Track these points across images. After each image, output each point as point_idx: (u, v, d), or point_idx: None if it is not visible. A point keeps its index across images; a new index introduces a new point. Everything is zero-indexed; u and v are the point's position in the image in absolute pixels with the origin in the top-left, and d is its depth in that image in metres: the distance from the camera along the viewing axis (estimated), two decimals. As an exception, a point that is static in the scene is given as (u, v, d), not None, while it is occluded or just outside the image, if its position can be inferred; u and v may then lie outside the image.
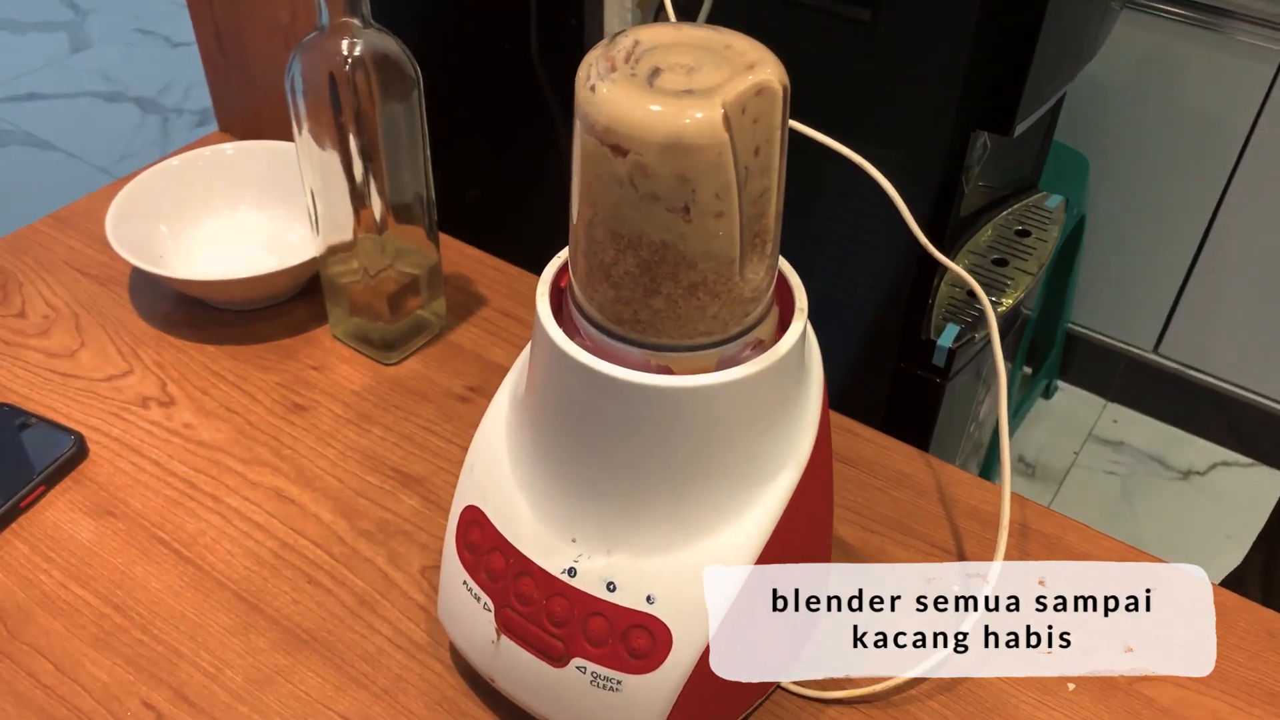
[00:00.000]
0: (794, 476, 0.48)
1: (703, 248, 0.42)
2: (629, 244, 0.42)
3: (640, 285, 0.43)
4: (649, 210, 0.41)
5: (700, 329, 0.44)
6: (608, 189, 0.41)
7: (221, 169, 0.82)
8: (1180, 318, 1.75)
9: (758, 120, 0.41)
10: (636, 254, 0.42)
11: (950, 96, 0.98)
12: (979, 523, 0.65)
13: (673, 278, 0.43)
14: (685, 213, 0.41)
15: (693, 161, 0.40)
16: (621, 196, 0.41)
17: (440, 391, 0.72)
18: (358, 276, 0.71)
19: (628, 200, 0.41)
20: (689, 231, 0.41)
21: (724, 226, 0.42)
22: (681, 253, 0.42)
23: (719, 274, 0.43)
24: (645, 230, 0.42)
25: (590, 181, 0.42)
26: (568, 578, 0.49)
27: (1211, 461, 1.79)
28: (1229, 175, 1.60)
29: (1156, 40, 1.55)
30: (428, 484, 0.66)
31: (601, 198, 0.42)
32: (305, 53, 0.64)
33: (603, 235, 0.43)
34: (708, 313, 0.44)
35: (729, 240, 0.42)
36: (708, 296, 0.43)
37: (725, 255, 0.42)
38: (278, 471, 0.67)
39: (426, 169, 0.70)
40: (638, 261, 0.42)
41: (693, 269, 0.42)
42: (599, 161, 0.41)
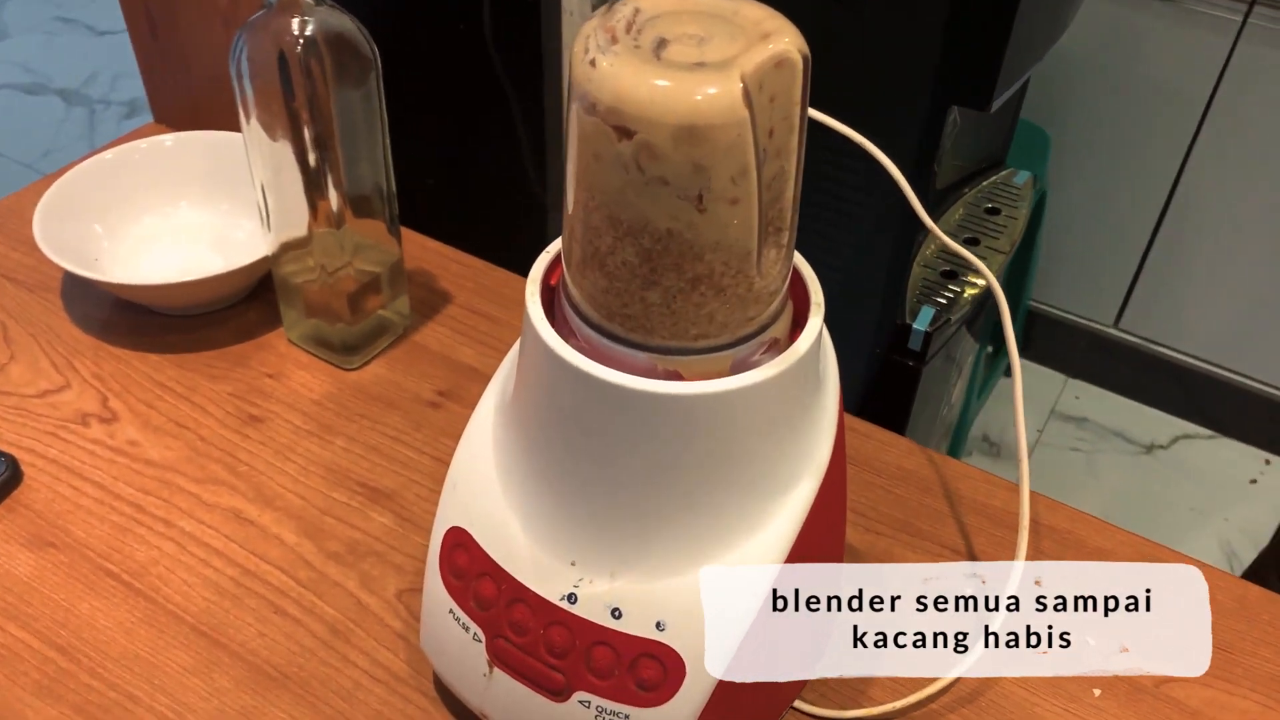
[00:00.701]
0: (813, 485, 0.44)
1: (714, 237, 0.38)
2: (629, 231, 0.38)
3: (639, 277, 0.39)
4: (655, 195, 0.37)
5: (711, 329, 0.40)
6: (609, 173, 0.37)
7: (160, 162, 0.76)
8: (1140, 292, 1.74)
9: (777, 94, 0.36)
10: (637, 242, 0.38)
11: (926, 73, 0.94)
12: (988, 519, 0.62)
13: (676, 269, 0.38)
14: (699, 200, 0.37)
15: (708, 143, 0.35)
16: (625, 181, 0.37)
17: (407, 397, 0.67)
18: (314, 275, 0.66)
19: (632, 185, 0.37)
20: (699, 220, 0.37)
21: (740, 214, 0.37)
22: (689, 242, 0.37)
23: (727, 267, 0.38)
24: (650, 218, 0.37)
25: (588, 164, 0.38)
26: (568, 604, 0.44)
27: (1173, 435, 1.78)
28: (1188, 148, 1.58)
29: (1115, 13, 1.53)
30: (399, 499, 0.61)
31: (601, 182, 0.38)
32: (251, 33, 0.59)
33: (600, 221, 0.38)
34: (704, 310, 0.39)
35: (745, 229, 0.38)
36: (710, 292, 0.39)
37: (739, 246, 0.38)
38: (234, 491, 0.62)
39: (386, 158, 0.65)
40: (638, 251, 0.38)
41: (698, 260, 0.38)
42: (599, 143, 0.36)
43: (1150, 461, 1.75)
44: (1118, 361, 1.81)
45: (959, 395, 1.42)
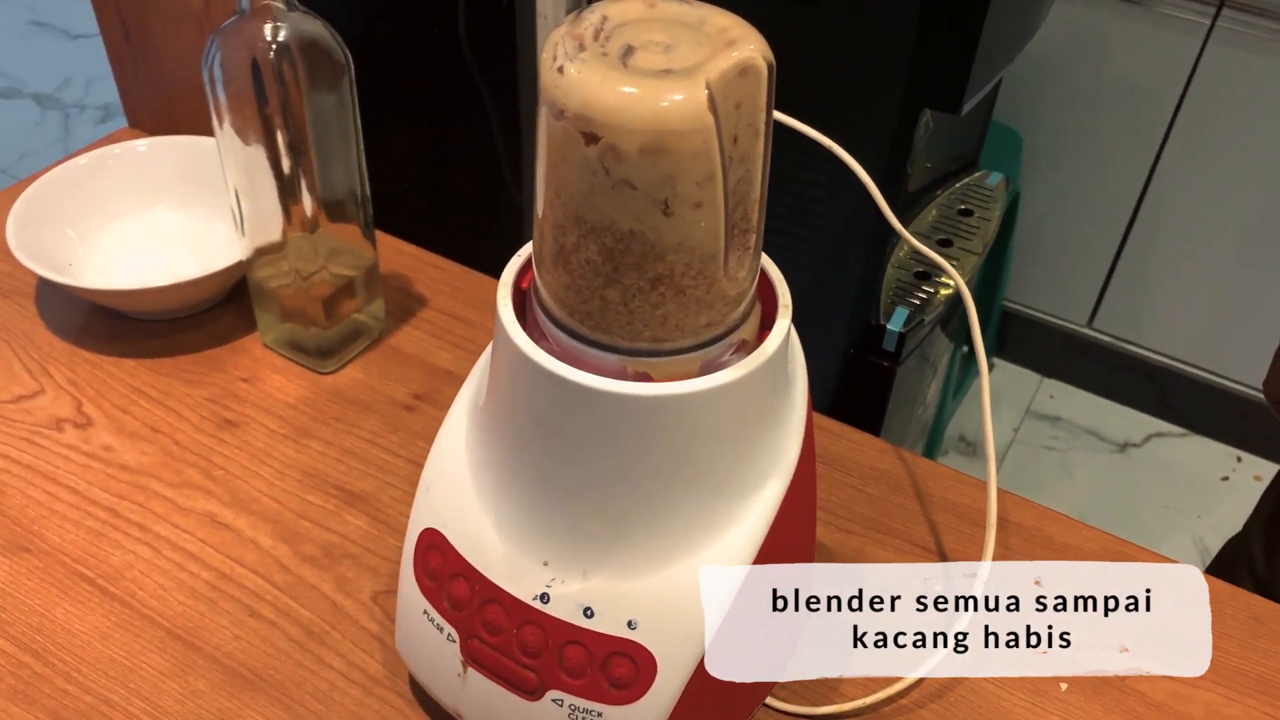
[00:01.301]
0: (781, 486, 0.45)
1: (676, 240, 0.38)
2: (592, 230, 0.38)
3: (601, 275, 0.39)
4: (621, 198, 0.37)
5: (668, 330, 0.40)
6: (575, 175, 0.37)
7: (134, 167, 0.76)
8: (1113, 292, 1.76)
9: (742, 101, 0.37)
10: (600, 241, 0.38)
11: (897, 75, 0.95)
12: (957, 517, 0.63)
13: (637, 268, 0.38)
14: (664, 205, 0.37)
15: (674, 149, 0.36)
16: (591, 183, 0.37)
17: (383, 400, 0.68)
18: (289, 280, 0.66)
19: (598, 187, 0.37)
20: (663, 223, 0.38)
21: (704, 218, 0.38)
22: (652, 243, 0.38)
23: (689, 268, 0.39)
24: (615, 219, 0.38)
25: (555, 166, 0.38)
26: (540, 604, 0.45)
27: (1147, 433, 1.80)
28: (1159, 148, 1.60)
29: (1084, 16, 1.54)
30: (374, 501, 0.62)
31: (567, 184, 0.38)
32: (225, 39, 0.59)
33: (565, 220, 0.39)
34: (660, 310, 0.39)
35: (709, 233, 0.38)
36: (670, 293, 0.39)
37: (703, 249, 0.39)
38: (210, 495, 0.62)
39: (360, 162, 0.65)
40: (601, 249, 0.38)
41: (660, 261, 0.38)
42: (567, 147, 0.37)
43: (1124, 460, 1.76)
44: (1091, 361, 1.83)
45: (934, 395, 1.43)
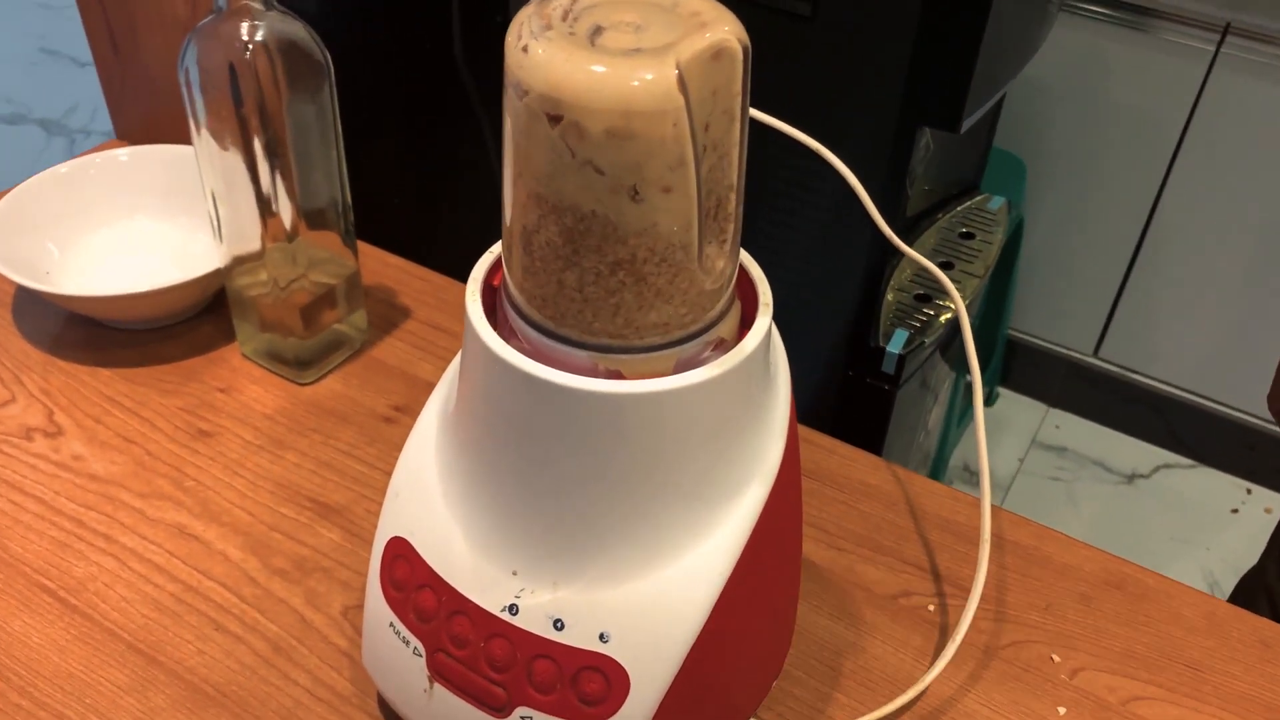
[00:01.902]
0: (762, 492, 0.43)
1: (642, 224, 0.36)
2: (553, 209, 0.36)
3: (561, 257, 0.37)
4: (586, 180, 0.35)
5: (643, 325, 0.39)
6: (539, 156, 0.36)
7: (116, 176, 0.75)
8: (1119, 321, 1.74)
9: (716, 84, 0.36)
10: (560, 221, 0.37)
11: (894, 92, 0.94)
12: (953, 535, 0.60)
13: (597, 251, 0.37)
14: (633, 190, 0.35)
15: (642, 130, 0.34)
16: (555, 164, 0.36)
17: (362, 412, 0.66)
18: (267, 288, 0.65)
19: (561, 168, 0.35)
20: (629, 206, 0.36)
21: (674, 204, 0.36)
22: (614, 225, 0.36)
23: (652, 253, 0.37)
24: (578, 200, 0.36)
25: (519, 145, 0.37)
26: (509, 616, 0.43)
27: (1154, 464, 1.77)
28: (1164, 176, 1.59)
29: (1088, 42, 1.54)
30: (349, 514, 0.60)
31: (531, 164, 0.36)
32: (201, 39, 0.58)
33: (527, 199, 0.37)
34: (614, 299, 0.37)
35: (680, 221, 0.37)
36: (629, 280, 0.37)
37: (673, 237, 0.37)
38: (180, 506, 0.60)
39: (340, 168, 0.64)
40: (561, 229, 0.37)
41: (620, 244, 0.36)
42: (531, 128, 0.35)
43: (1131, 491, 1.74)
44: (1097, 391, 1.81)
45: (937, 422, 1.41)
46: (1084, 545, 0.60)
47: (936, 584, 0.58)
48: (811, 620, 0.56)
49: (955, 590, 0.58)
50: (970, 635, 0.55)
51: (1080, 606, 0.57)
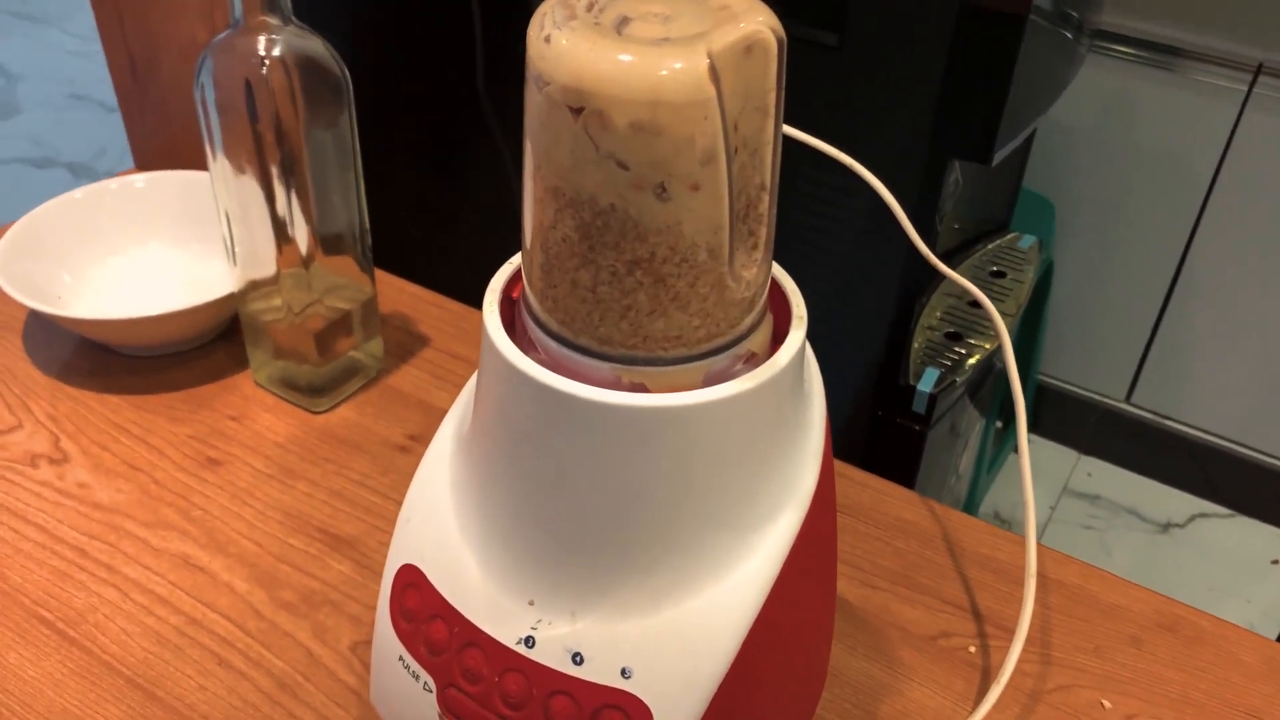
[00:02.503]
0: (796, 518, 0.40)
1: (666, 220, 0.34)
2: (570, 203, 0.34)
3: (576, 254, 0.35)
4: (606, 173, 0.33)
5: (663, 333, 0.36)
6: (560, 151, 0.34)
7: (131, 202, 0.73)
8: (1152, 366, 1.70)
9: (749, 77, 0.33)
10: (578, 215, 0.34)
11: (924, 124, 0.92)
12: (993, 573, 0.57)
13: (614, 248, 0.34)
14: (660, 188, 0.33)
15: (671, 122, 0.32)
16: (576, 159, 0.33)
17: (376, 441, 0.64)
18: (281, 314, 0.63)
19: (582, 162, 0.33)
20: (654, 204, 0.34)
21: (702, 203, 0.34)
22: (634, 220, 0.34)
23: (673, 252, 0.34)
24: (594, 193, 0.34)
25: (539, 141, 0.35)
26: (525, 649, 0.40)
27: (1190, 513, 1.73)
28: (1196, 218, 1.56)
29: (1117, 83, 1.52)
30: (360, 546, 0.57)
31: (551, 160, 0.34)
32: (217, 55, 0.57)
33: (543, 193, 0.35)
34: (626, 301, 0.35)
35: (708, 221, 0.34)
36: (647, 280, 0.34)
37: (699, 238, 0.35)
38: (185, 536, 0.58)
39: (359, 189, 0.63)
40: (578, 224, 0.35)
41: (640, 241, 0.34)
42: (552, 122, 0.33)
43: (1166, 541, 1.69)
44: (1131, 437, 1.76)
45: (968, 467, 1.38)
46: (1132, 585, 0.57)
47: (977, 624, 0.55)
48: (845, 662, 0.53)
49: (997, 631, 0.54)
50: (1015, 678, 0.52)
51: (1131, 649, 0.54)
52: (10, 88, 2.76)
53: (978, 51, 0.89)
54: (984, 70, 0.89)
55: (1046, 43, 0.96)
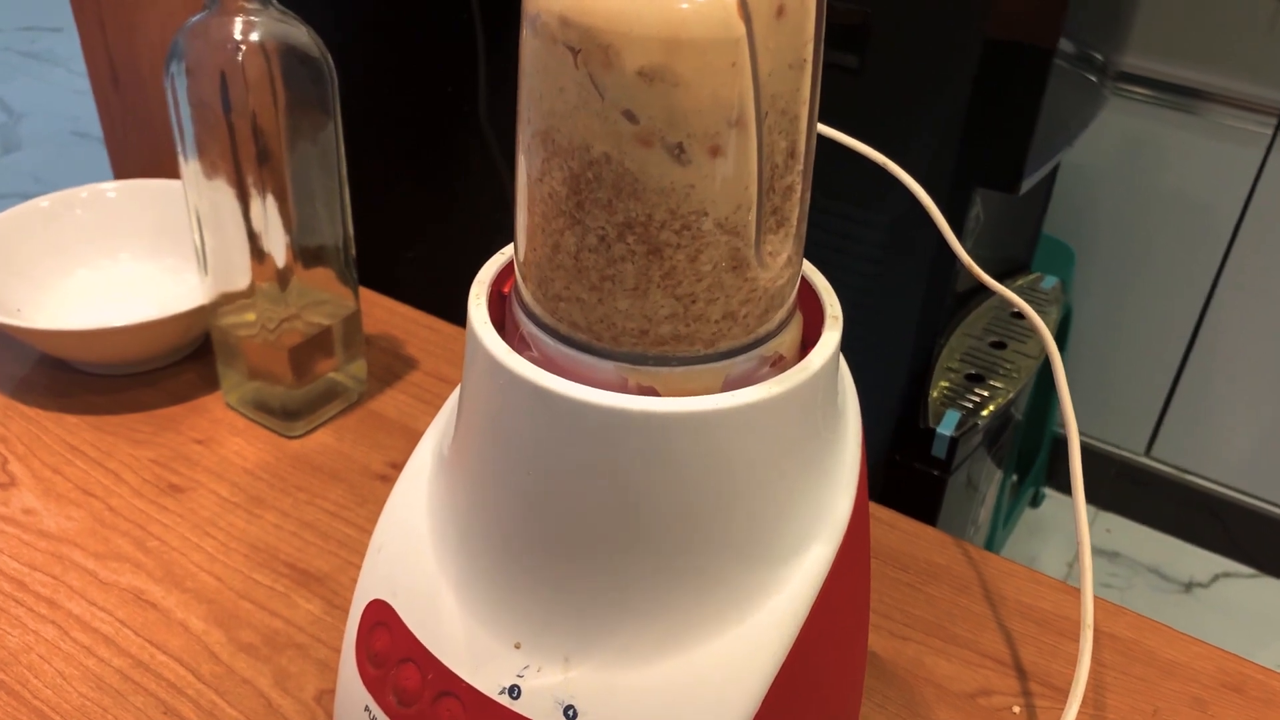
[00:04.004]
0: (827, 552, 0.35)
1: (672, 181, 0.28)
2: (558, 150, 0.29)
3: (563, 213, 0.30)
4: (611, 125, 0.28)
5: (688, 331, 0.31)
6: (559, 98, 0.29)
7: (100, 212, 0.68)
8: (1173, 418, 1.64)
9: (786, 19, 0.28)
10: (566, 165, 0.29)
11: (948, 151, 0.88)
12: (1036, 624, 0.51)
13: (606, 207, 0.29)
14: (678, 148, 0.28)
15: (691, 65, 0.27)
16: (575, 106, 0.28)
17: (354, 469, 0.58)
18: (255, 330, 0.58)
19: (582, 109, 0.28)
20: (664, 163, 0.28)
21: (723, 170, 0.29)
22: (631, 175, 0.28)
23: (672, 215, 0.29)
24: (589, 140, 0.28)
25: (533, 89, 0.30)
26: (509, 700, 0.34)
27: (1213, 573, 1.66)
28: (1219, 265, 1.51)
29: (1138, 126, 1.48)
30: (331, 583, 0.52)
31: (544, 105, 0.29)
32: (190, 40, 0.52)
33: (530, 139, 0.30)
34: (613, 270, 0.30)
35: (730, 192, 0.29)
36: (640, 249, 0.29)
37: (710, 208, 0.29)
38: (138, 568, 0.52)
39: (343, 195, 0.58)
40: (566, 176, 0.29)
41: (634, 199, 0.28)
42: (549, 67, 0.28)
43: (1189, 601, 1.62)
44: (1151, 493, 1.70)
45: (985, 521, 1.31)
46: (1193, 640, 0.51)
47: (1021, 681, 0.49)
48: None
49: (1044, 689, 0.48)
50: (1067, 744, 0.46)
51: (1194, 712, 0.48)
52: (13, 125, 2.74)
53: (1006, 79, 0.85)
54: (1012, 97, 0.85)
55: (1074, 73, 0.92)
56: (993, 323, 1.11)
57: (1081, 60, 0.94)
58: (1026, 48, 0.84)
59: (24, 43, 3.08)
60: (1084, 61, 0.95)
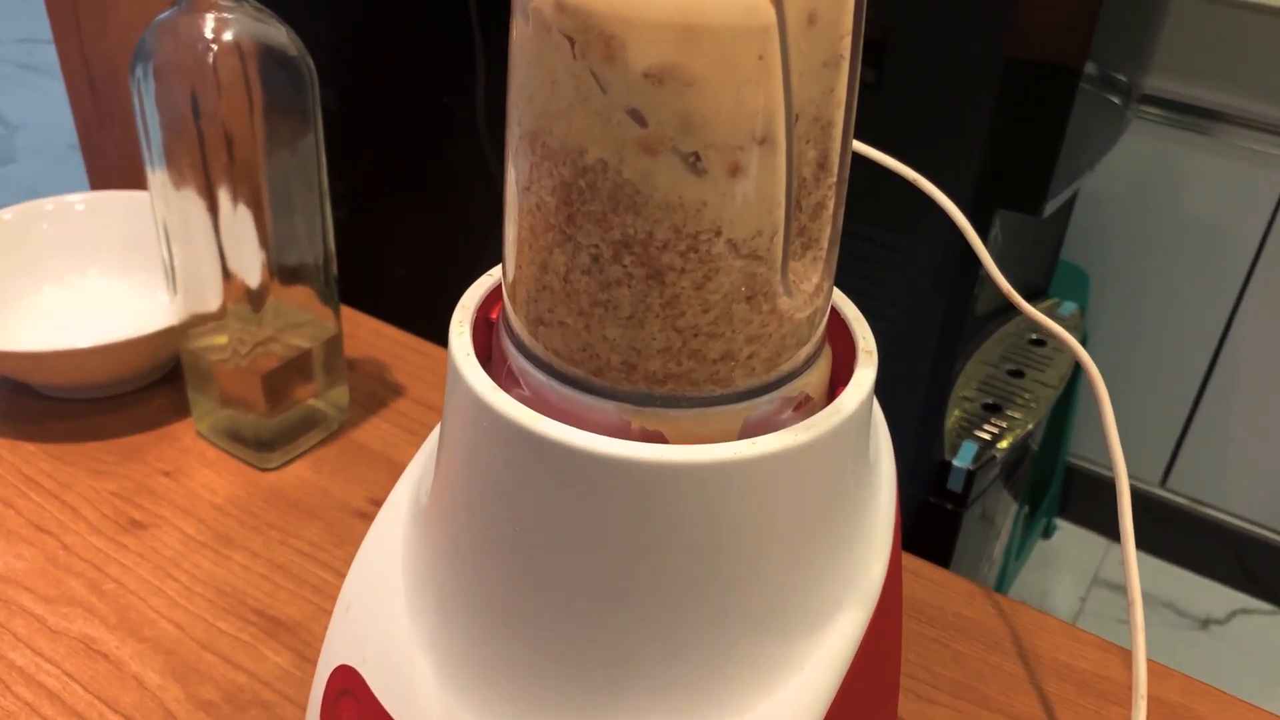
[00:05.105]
0: (858, 622, 0.30)
1: (681, 195, 0.24)
2: (549, 154, 0.25)
3: (552, 228, 0.26)
4: (614, 129, 0.24)
5: (697, 367, 0.27)
6: (553, 95, 0.24)
7: (68, 226, 0.64)
8: (1189, 449, 1.60)
9: (817, 12, 0.24)
10: (556, 171, 0.25)
11: (970, 171, 0.83)
12: (1074, 686, 0.47)
13: (600, 222, 0.25)
14: (693, 159, 0.24)
15: (709, 60, 0.23)
16: (572, 104, 0.24)
17: (332, 505, 0.54)
18: (227, 354, 0.53)
19: (581, 108, 0.24)
20: (662, 166, 0.24)
21: (745, 185, 0.25)
22: (632, 186, 0.24)
23: (677, 234, 0.24)
24: (584, 143, 0.24)
25: (525, 86, 0.25)
26: (491, 789, 0.30)
27: (1231, 609, 1.61)
28: (1239, 293, 1.47)
29: (1156, 149, 1.44)
30: (303, 633, 0.47)
31: (537, 102, 0.25)
32: (158, 38, 0.48)
33: (519, 141, 0.26)
34: (606, 295, 0.25)
35: (751, 210, 0.25)
36: (639, 272, 0.25)
37: (725, 227, 0.25)
38: (91, 614, 0.47)
39: (324, 209, 0.53)
40: (556, 184, 0.25)
41: (633, 214, 0.24)
42: (543, 58, 0.24)
43: (1206, 638, 1.57)
44: (1165, 525, 1.65)
45: (998, 555, 1.27)
46: (1250, 706, 0.47)
47: (1061, 753, 0.44)
48: (899, 797, 0.42)
49: (1087, 762, 0.44)
50: (1115, 827, 0.41)
51: (1253, 790, 0.43)
52: (9, 137, 2.70)
53: (1031, 99, 0.81)
54: (1038, 117, 0.81)
55: (1098, 94, 0.88)
56: (1010, 350, 1.06)
57: (1106, 81, 0.90)
58: (1052, 66, 0.80)
59: (21, 54, 3.05)
60: (1108, 82, 0.91)
